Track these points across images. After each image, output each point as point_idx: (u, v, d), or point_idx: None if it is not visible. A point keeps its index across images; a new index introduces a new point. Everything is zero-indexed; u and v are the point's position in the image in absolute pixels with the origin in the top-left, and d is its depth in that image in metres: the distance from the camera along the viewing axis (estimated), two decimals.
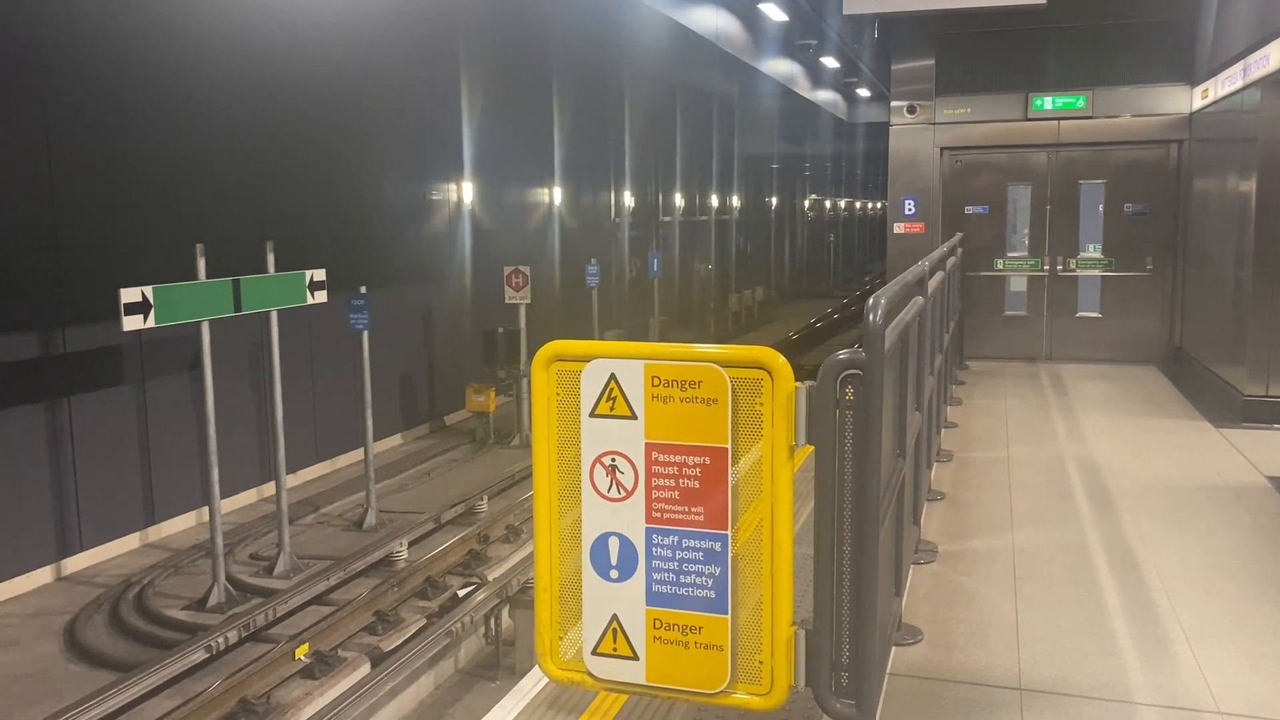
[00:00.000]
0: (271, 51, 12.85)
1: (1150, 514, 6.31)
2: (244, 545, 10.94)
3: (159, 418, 11.28)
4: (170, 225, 11.20)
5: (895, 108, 12.64)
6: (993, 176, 12.57)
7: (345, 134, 14.46)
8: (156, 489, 11.25)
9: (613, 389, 3.55)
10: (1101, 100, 11.91)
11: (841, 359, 3.34)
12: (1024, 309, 12.55)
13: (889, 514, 3.95)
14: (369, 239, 14.94)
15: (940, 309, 7.40)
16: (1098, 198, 12.28)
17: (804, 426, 3.34)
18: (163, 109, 11.36)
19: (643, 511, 3.51)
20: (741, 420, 3.41)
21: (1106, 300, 12.25)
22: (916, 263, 5.94)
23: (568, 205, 21.64)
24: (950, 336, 8.84)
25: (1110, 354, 12.04)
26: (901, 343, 4.31)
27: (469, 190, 17.48)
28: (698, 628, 3.46)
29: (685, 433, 3.44)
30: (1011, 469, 7.37)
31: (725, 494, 3.41)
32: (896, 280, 4.17)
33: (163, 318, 7.92)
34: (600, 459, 3.55)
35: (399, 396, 15.66)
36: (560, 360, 3.64)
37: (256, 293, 9.02)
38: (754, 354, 3.39)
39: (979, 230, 12.43)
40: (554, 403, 3.65)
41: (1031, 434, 8.52)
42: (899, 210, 12.79)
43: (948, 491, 6.76)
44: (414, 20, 15.91)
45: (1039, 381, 10.99)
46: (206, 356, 8.63)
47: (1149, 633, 4.54)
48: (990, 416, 9.17)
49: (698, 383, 3.44)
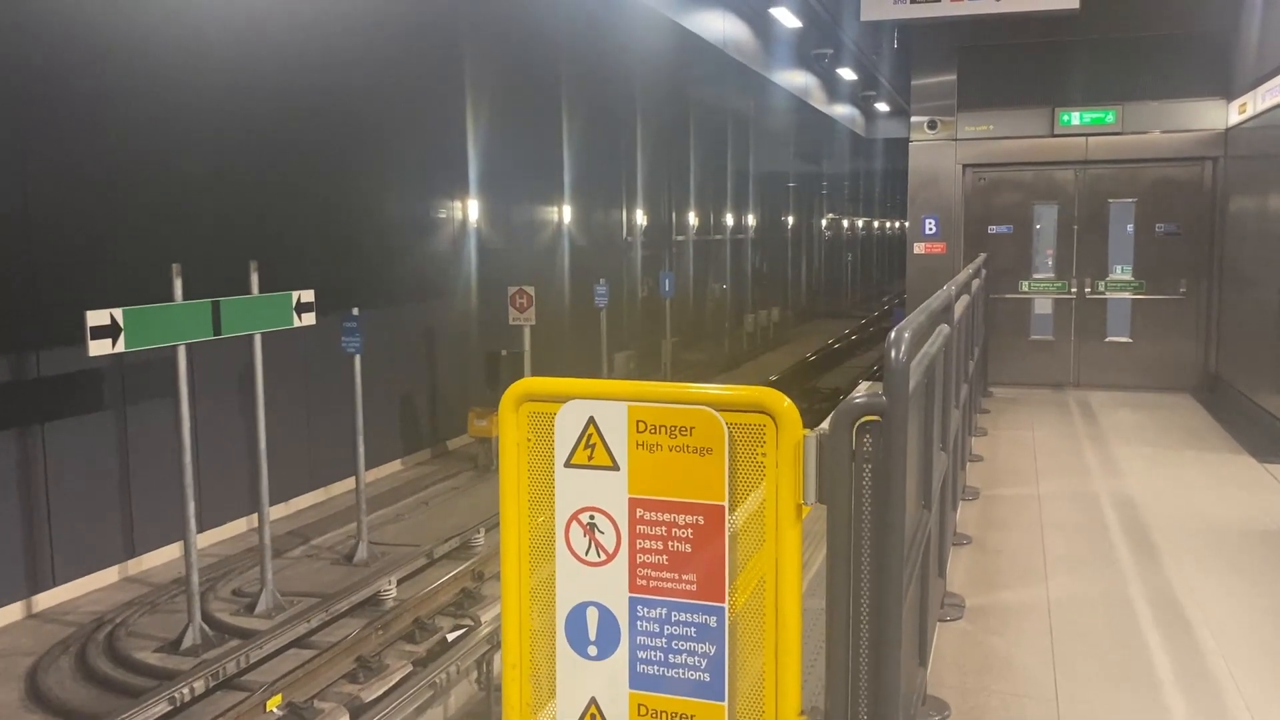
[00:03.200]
0: (271, 69, 12.46)
1: (1196, 560, 5.76)
2: (228, 580, 10.44)
3: (141, 444, 10.77)
4: (158, 244, 10.75)
5: (915, 123, 12.17)
6: (1017, 194, 12.08)
7: (347, 150, 14.07)
8: (137, 519, 10.72)
9: (591, 435, 3.06)
10: (1132, 115, 11.41)
11: (858, 403, 2.84)
12: (1051, 333, 12.01)
13: (914, 578, 3.44)
14: (370, 257, 14.50)
15: (966, 336, 6.89)
16: (1127, 217, 11.77)
17: (813, 481, 2.85)
18: (149, 123, 10.91)
19: (626, 578, 3.03)
20: (740, 473, 2.92)
21: (1137, 324, 11.71)
22: (938, 285, 5.47)
23: (578, 223, 21.19)
24: (975, 363, 8.33)
25: (1142, 381, 11.49)
26: (927, 379, 3.80)
27: (475, 207, 17.03)
28: (689, 715, 2.96)
29: (675, 487, 2.95)
30: (1043, 507, 6.83)
31: (722, 559, 2.92)
32: (922, 309, 3.66)
33: (134, 342, 7.46)
34: (577, 516, 3.07)
35: (399, 420, 15.18)
36: (532, 400, 3.16)
37: (238, 315, 8.54)
38: (755, 396, 2.90)
39: (1003, 251, 11.95)
40: (524, 449, 3.17)
41: (1062, 468, 7.98)
42: (919, 229, 12.31)
43: (974, 534, 6.23)
44: (419, 35, 15.54)
45: (1068, 410, 10.44)
46: (182, 383, 8.15)
47: (1206, 706, 4.00)
48: (1018, 448, 8.63)
49: (689, 429, 2.95)
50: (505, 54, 17.78)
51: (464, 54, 16.65)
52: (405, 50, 15.06)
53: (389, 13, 14.54)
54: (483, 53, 17.09)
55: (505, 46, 17.76)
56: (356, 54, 13.95)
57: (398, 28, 14.75)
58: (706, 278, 30.26)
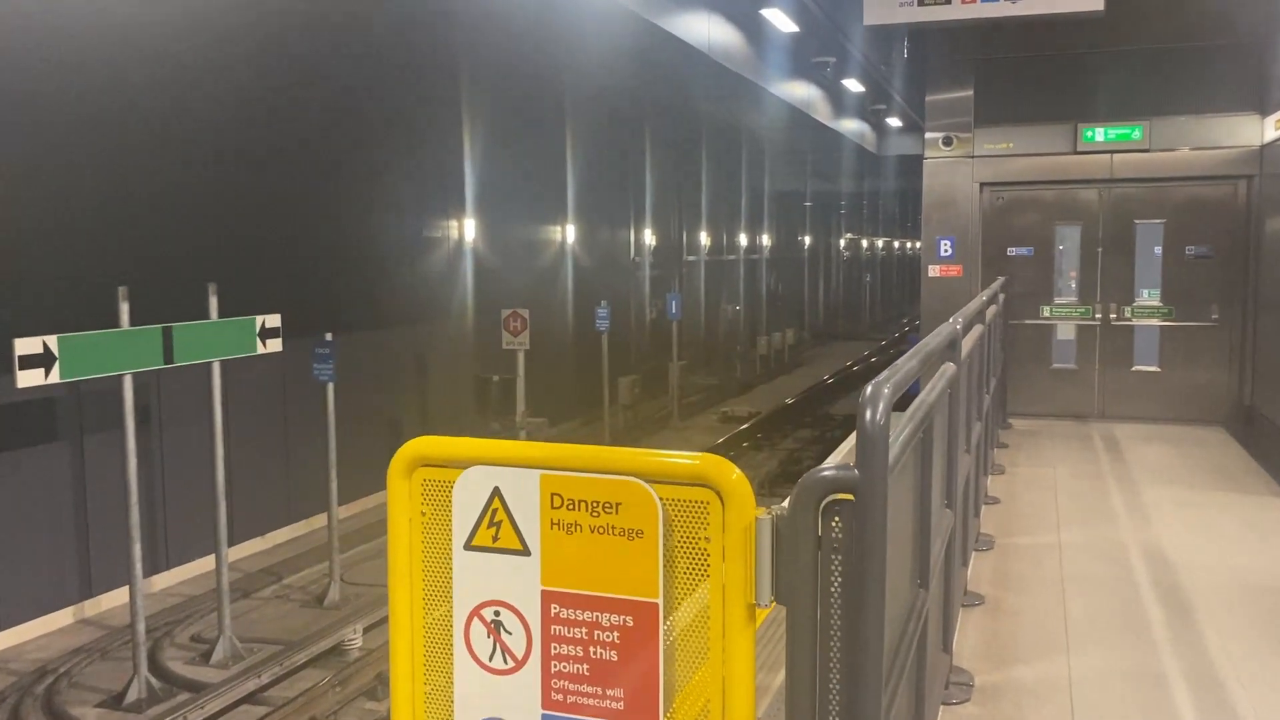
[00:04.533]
0: (257, 78, 11.95)
1: (1240, 628, 5.10)
2: (188, 623, 9.76)
3: (100, 476, 10.05)
4: (131, 265, 10.17)
5: (930, 139, 11.58)
6: (1038, 215, 11.45)
7: (334, 165, 13.48)
8: (95, 557, 10.04)
9: (496, 510, 2.47)
10: (1160, 131, 10.77)
11: (826, 477, 2.24)
12: (1073, 361, 11.34)
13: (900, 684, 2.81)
14: (358, 278, 13.78)
15: (979, 368, 6.25)
16: (1155, 239, 11.11)
17: (769, 576, 2.27)
18: (118, 132, 10.32)
19: (538, 691, 2.44)
20: (679, 563, 2.33)
21: (1166, 352, 11.03)
22: (955, 310, 4.87)
23: (582, 243, 20.58)
24: (991, 396, 7.68)
25: (1171, 413, 10.80)
26: (922, 432, 3.19)
27: (471, 226, 16.42)
28: None
29: (599, 578, 2.37)
30: (1064, 560, 6.17)
31: (655, 672, 2.34)
32: (914, 351, 3.05)
33: (71, 372, 6.89)
34: (479, 612, 2.48)
35: (387, 448, 14.39)
36: (427, 465, 2.57)
37: (193, 342, 7.94)
38: (696, 466, 2.29)
39: (1023, 274, 11.32)
40: (417, 526, 2.58)
41: (1086, 512, 7.32)
42: (934, 251, 11.69)
43: (988, 593, 5.58)
44: (413, 49, 15.03)
45: (1092, 444, 9.76)
46: (128, 416, 7.55)
47: None
48: (1038, 489, 7.96)
49: (615, 505, 2.36)
50: (505, 68, 17.25)
51: (462, 65, 16.10)
52: (398, 57, 14.53)
53: (385, 18, 14.05)
54: (483, 65, 16.55)
55: (505, 57, 17.23)
56: (344, 59, 13.42)
57: (389, 32, 14.23)
58: (719, 298, 29.64)
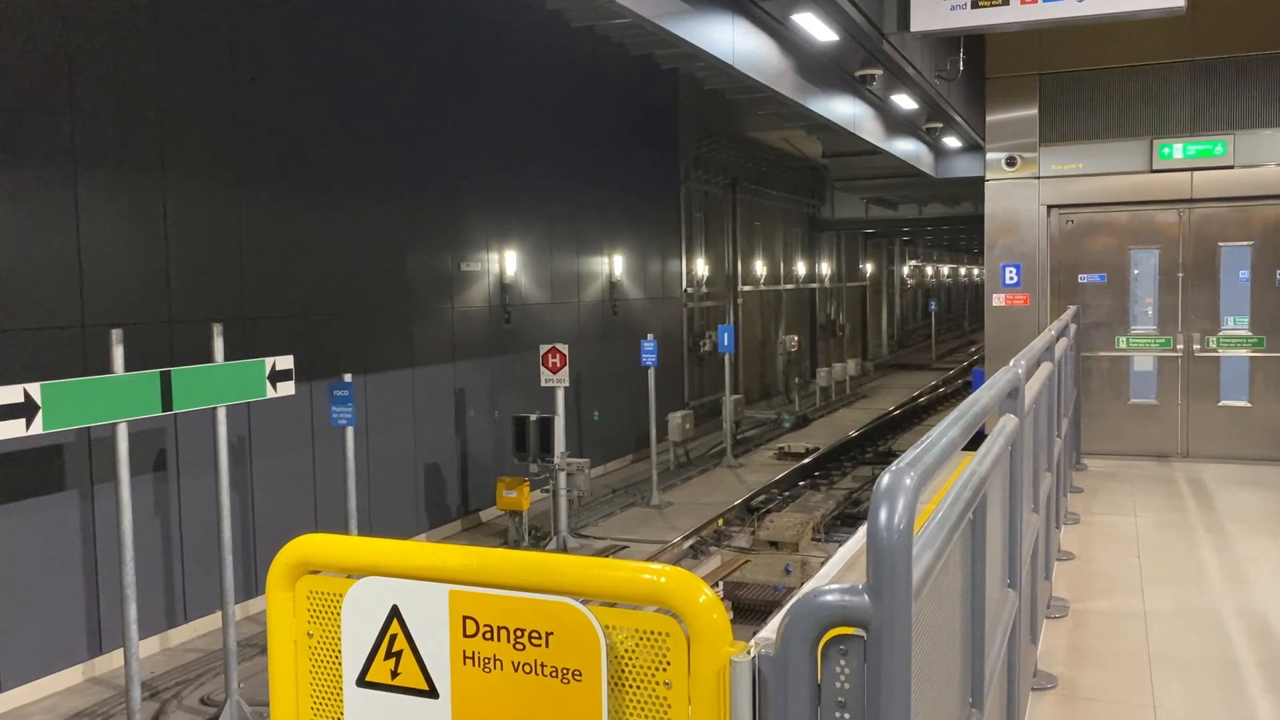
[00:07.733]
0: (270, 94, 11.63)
1: None
2: (199, 683, 9.24)
3: (112, 526, 9.48)
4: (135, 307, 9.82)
5: (992, 160, 10.87)
6: (1112, 238, 10.64)
7: (369, 195, 13.08)
8: (106, 612, 9.55)
9: (396, 636, 1.87)
10: (1244, 146, 9.96)
11: (826, 603, 1.62)
12: (1154, 396, 10.48)
13: None
14: (392, 313, 13.33)
15: (1049, 411, 5.53)
16: (1241, 263, 10.24)
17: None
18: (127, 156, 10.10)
19: None
20: (629, 716, 1.72)
21: (1257, 386, 10.13)
22: (1021, 342, 4.21)
23: (630, 275, 20.02)
24: (1064, 439, 6.93)
25: (1264, 452, 9.88)
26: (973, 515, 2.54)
27: (512, 259, 15.91)
28: None
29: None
30: (1150, 632, 5.40)
31: None
32: (958, 414, 2.41)
33: (56, 422, 6.46)
34: None
35: (424, 490, 13.95)
36: (314, 574, 1.98)
37: (195, 387, 7.49)
38: (653, 585, 1.69)
39: (1096, 302, 10.54)
40: (304, 650, 1.99)
41: (1173, 571, 6.51)
42: (998, 279, 10.96)
43: (1061, 673, 4.84)
44: (456, 69, 14.68)
45: (1176, 488, 8.90)
46: (123, 466, 7.07)
47: None
48: (1116, 542, 7.16)
49: (544, 635, 1.77)
50: (545, 90, 16.83)
51: (500, 91, 15.66)
52: (434, 81, 14.18)
53: (429, 31, 13.72)
54: (521, 90, 16.15)
55: (548, 84, 16.84)
56: (373, 84, 13.10)
57: (425, 56, 13.91)
58: (776, 330, 28.89)
